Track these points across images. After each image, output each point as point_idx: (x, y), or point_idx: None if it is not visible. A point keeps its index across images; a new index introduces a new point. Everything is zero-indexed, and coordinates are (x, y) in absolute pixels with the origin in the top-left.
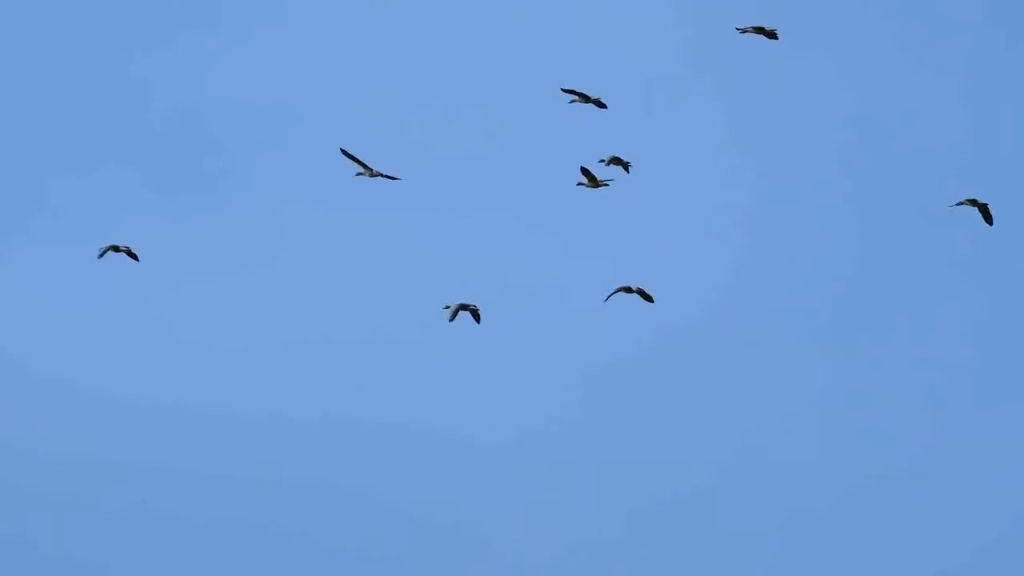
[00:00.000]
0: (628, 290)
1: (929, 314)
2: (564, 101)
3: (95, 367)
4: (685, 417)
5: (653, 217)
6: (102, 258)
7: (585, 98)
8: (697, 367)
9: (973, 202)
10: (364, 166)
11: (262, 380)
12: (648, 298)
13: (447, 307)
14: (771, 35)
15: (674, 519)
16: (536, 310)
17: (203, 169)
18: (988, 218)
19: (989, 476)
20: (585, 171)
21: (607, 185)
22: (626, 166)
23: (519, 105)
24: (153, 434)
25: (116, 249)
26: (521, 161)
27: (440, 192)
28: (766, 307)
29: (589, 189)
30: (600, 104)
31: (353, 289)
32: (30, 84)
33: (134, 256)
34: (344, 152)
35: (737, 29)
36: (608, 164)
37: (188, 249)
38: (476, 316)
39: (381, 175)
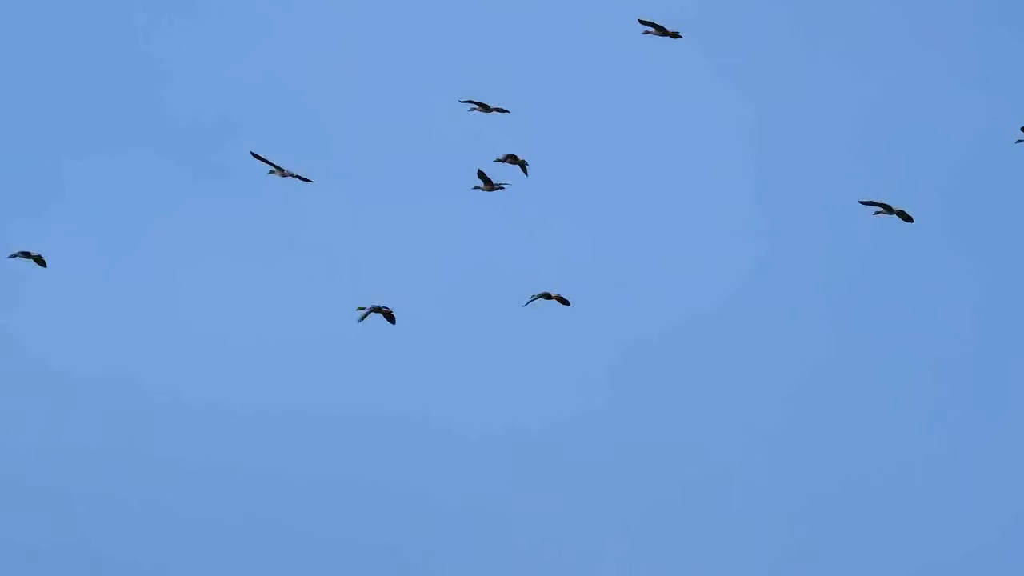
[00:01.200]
0: (547, 296)
1: (943, 306)
2: (579, 95)
3: (109, 358)
4: (708, 404)
5: (677, 207)
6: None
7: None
8: (718, 355)
9: (888, 209)
10: (275, 167)
11: (274, 374)
12: (565, 302)
13: (360, 308)
14: (674, 35)
15: (697, 505)
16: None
17: (219, 155)
18: (907, 219)
19: (1003, 467)
20: (481, 174)
21: (503, 188)
22: (523, 165)
23: (540, 97)
24: (160, 431)
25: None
26: (543, 150)
27: (458, 180)
28: (787, 296)
29: (485, 192)
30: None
31: (370, 278)
32: (45, 67)
33: (390, 318)
34: (254, 155)
35: (641, 28)
36: (504, 162)
37: (206, 236)
38: (389, 318)
39: (293, 176)
